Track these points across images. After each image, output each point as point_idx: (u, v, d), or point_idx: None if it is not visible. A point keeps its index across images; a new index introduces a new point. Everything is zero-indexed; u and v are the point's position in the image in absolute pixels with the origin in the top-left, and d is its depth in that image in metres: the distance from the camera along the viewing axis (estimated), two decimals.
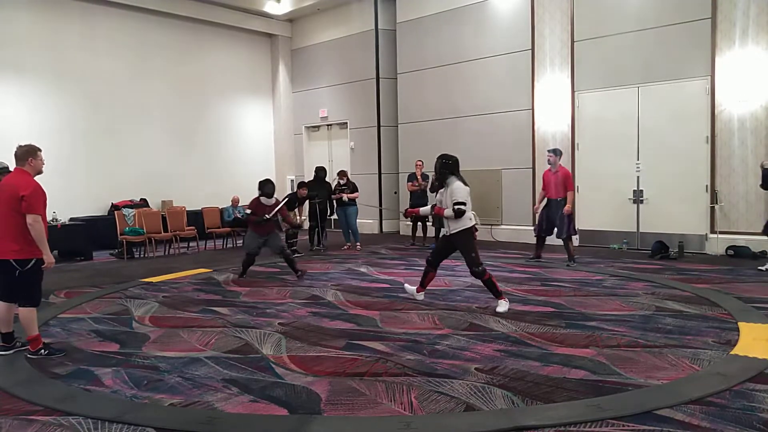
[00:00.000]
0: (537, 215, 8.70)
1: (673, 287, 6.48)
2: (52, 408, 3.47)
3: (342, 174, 10.90)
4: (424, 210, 6.39)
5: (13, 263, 4.36)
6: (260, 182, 7.76)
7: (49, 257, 4.47)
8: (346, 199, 10.61)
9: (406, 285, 6.44)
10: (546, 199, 8.48)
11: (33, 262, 4.41)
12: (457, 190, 5.57)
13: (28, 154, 4.49)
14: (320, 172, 10.72)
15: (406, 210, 6.78)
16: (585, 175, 10.05)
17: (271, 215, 7.48)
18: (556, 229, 8.31)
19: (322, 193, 10.50)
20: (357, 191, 10.78)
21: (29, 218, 4.31)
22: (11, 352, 4.56)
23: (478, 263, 5.61)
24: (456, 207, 5.51)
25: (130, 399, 3.60)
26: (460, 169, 5.80)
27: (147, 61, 12.50)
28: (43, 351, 4.49)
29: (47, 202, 4.50)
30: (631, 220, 9.62)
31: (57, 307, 6.22)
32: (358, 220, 10.85)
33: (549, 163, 8.40)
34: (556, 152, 8.35)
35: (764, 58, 8.34)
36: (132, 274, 8.35)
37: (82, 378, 4.00)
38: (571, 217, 8.20)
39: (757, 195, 7.97)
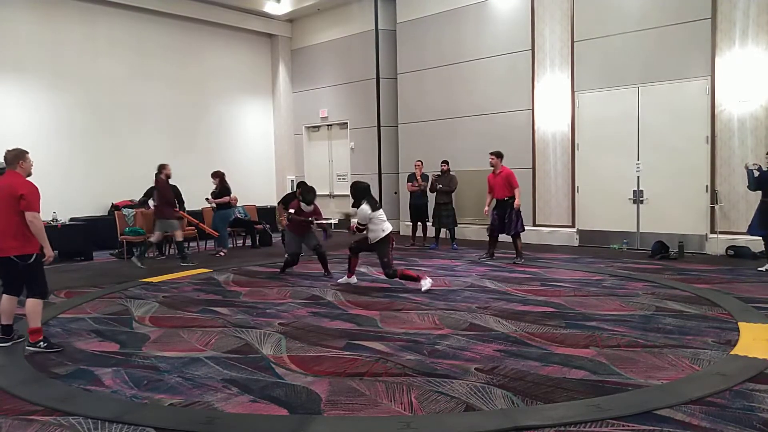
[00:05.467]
0: (489, 216, 8.94)
1: (673, 287, 6.48)
2: (52, 408, 3.46)
3: (214, 175, 10.33)
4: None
5: (15, 259, 4.58)
6: (303, 189, 7.76)
7: (48, 250, 4.69)
8: (214, 205, 10.26)
9: (340, 279, 7.33)
10: (494, 200, 8.80)
11: (34, 257, 4.64)
12: (360, 213, 6.76)
13: (17, 158, 4.74)
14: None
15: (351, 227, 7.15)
16: (585, 175, 10.06)
17: (310, 219, 7.74)
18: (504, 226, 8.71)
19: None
20: (228, 194, 10.37)
21: (28, 215, 4.53)
22: (9, 344, 4.71)
23: (389, 266, 6.73)
24: (362, 227, 6.80)
25: (130, 399, 3.60)
26: (461, 169, 5.98)
27: (147, 61, 12.50)
28: (42, 344, 4.62)
29: (41, 201, 4.70)
30: (631, 220, 9.62)
31: (57, 307, 6.22)
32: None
33: (491, 166, 8.72)
34: (498, 155, 8.67)
35: (764, 58, 8.35)
36: (132, 274, 8.35)
37: (82, 378, 3.99)
38: (519, 214, 8.57)
39: (757, 194, 7.93)
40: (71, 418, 3.32)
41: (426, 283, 6.56)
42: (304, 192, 7.71)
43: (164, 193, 9.18)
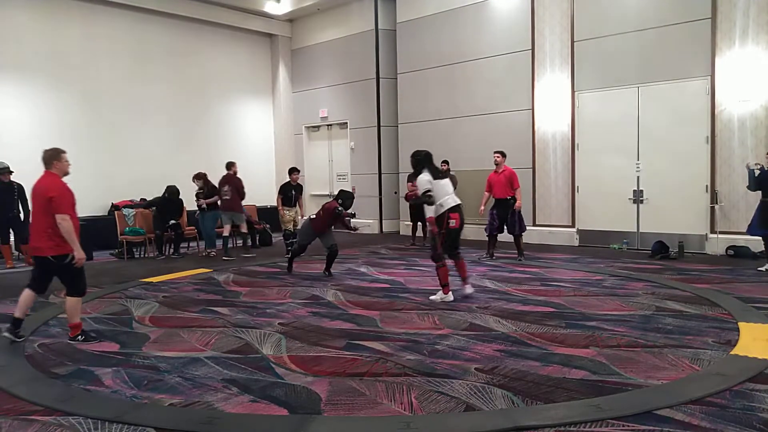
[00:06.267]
0: (487, 215, 8.98)
1: (673, 287, 6.48)
2: (52, 408, 3.46)
3: (198, 176, 10.35)
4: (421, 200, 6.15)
5: (51, 259, 4.68)
6: (343, 195, 7.93)
7: (79, 253, 4.74)
8: (204, 206, 10.17)
9: (433, 297, 6.18)
10: (493, 199, 8.83)
11: (70, 256, 4.72)
12: (419, 182, 6.04)
13: (52, 158, 4.80)
14: (172, 194, 10.24)
15: (406, 194, 6.84)
16: (585, 175, 10.06)
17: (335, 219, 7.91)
18: (506, 226, 8.74)
19: (175, 212, 10.24)
20: (215, 194, 10.24)
21: (57, 217, 4.62)
22: (11, 336, 4.80)
23: (436, 247, 6.00)
24: (427, 197, 5.95)
25: (130, 399, 3.60)
26: (461, 169, 5.92)
27: (147, 61, 12.51)
28: (80, 337, 4.88)
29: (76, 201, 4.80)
30: (631, 220, 9.62)
31: (57, 307, 6.20)
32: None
33: (495, 164, 8.78)
34: (503, 154, 8.78)
35: (764, 58, 8.34)
36: (132, 274, 8.35)
37: (82, 378, 3.99)
38: (520, 214, 8.66)
39: (757, 194, 7.95)
40: (71, 418, 3.31)
41: (438, 296, 6.06)
42: (344, 198, 7.92)
43: (239, 186, 9.94)
